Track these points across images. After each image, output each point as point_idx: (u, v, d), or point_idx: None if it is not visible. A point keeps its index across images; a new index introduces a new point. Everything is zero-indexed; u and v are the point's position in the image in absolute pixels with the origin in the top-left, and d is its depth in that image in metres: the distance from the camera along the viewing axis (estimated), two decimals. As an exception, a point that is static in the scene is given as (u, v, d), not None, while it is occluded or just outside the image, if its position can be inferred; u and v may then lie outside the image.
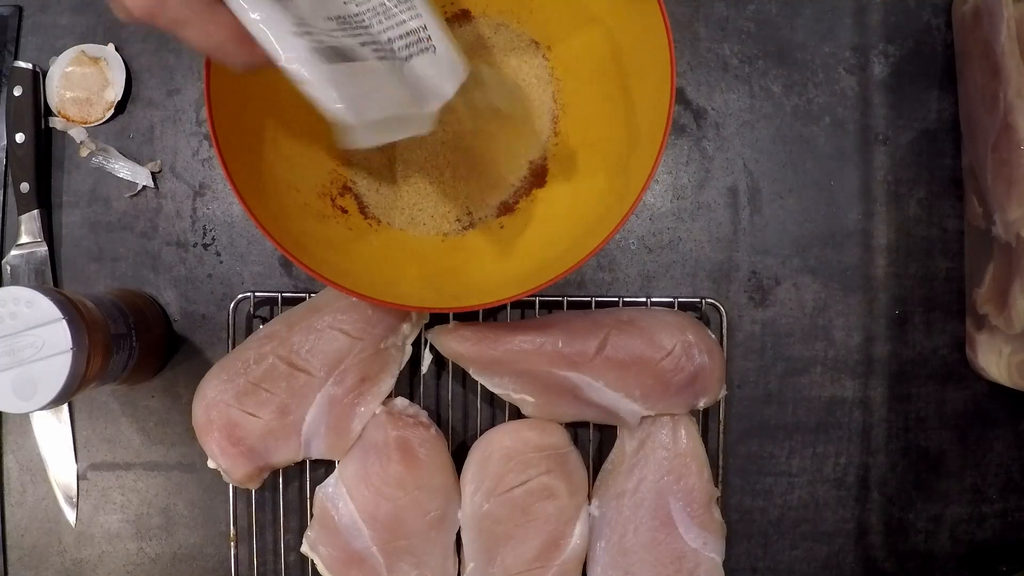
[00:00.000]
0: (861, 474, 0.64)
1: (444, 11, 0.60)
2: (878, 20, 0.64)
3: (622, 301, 0.62)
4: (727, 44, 0.64)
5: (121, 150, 0.63)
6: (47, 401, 0.48)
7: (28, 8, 0.63)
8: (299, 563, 0.61)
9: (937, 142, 0.64)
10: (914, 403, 0.64)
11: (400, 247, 0.59)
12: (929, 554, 0.64)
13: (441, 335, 0.58)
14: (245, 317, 0.62)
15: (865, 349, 0.64)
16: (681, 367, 0.57)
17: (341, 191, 0.59)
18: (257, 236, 0.63)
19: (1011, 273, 0.55)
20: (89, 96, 0.62)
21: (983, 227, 0.59)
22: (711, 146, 0.64)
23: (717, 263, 0.64)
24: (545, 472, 0.57)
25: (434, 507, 0.57)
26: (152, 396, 0.63)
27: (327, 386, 0.57)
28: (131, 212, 0.63)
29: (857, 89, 0.64)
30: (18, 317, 0.48)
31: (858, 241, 0.64)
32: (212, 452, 0.57)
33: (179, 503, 0.63)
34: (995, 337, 0.59)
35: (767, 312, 0.64)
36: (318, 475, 0.60)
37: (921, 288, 0.64)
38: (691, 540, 0.58)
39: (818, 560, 0.64)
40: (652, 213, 0.64)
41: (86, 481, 0.63)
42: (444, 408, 0.62)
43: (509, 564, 0.57)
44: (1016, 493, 0.64)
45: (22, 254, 0.62)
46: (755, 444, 0.64)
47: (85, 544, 0.63)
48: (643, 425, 0.59)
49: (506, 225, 0.59)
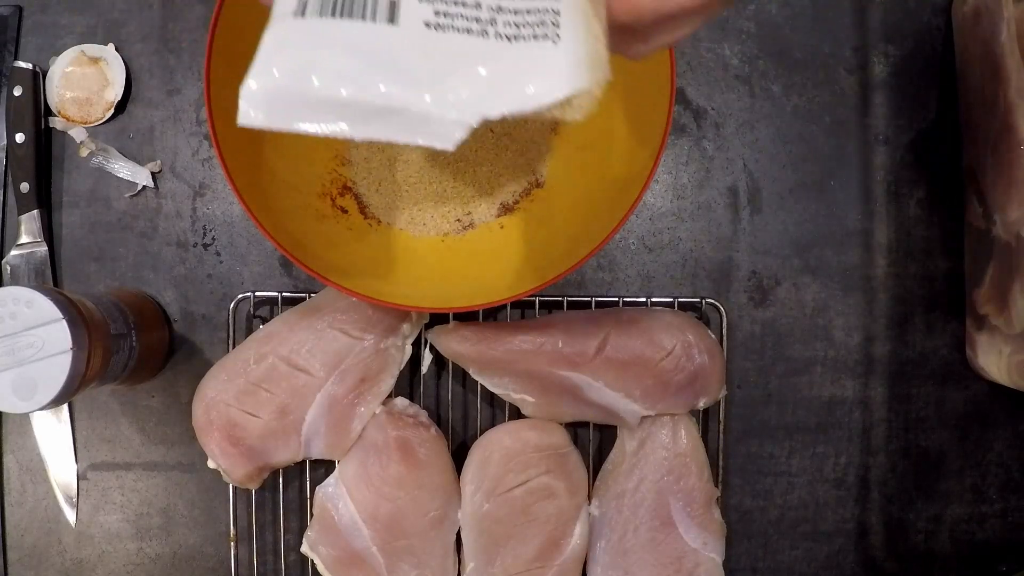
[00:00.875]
0: (861, 474, 0.64)
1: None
2: (878, 20, 0.64)
3: (622, 301, 0.62)
4: (727, 44, 0.64)
5: (121, 150, 0.63)
6: (47, 401, 0.48)
7: (28, 8, 0.63)
8: (299, 563, 0.61)
9: (937, 142, 0.64)
10: (914, 403, 0.64)
11: (400, 247, 0.59)
12: (929, 554, 0.64)
13: (441, 335, 0.58)
14: (245, 317, 0.62)
15: (865, 349, 0.64)
16: (681, 367, 0.57)
17: (341, 191, 0.59)
18: (257, 236, 0.63)
19: (1011, 273, 0.55)
20: (89, 96, 0.62)
21: (983, 227, 0.59)
22: (711, 146, 0.64)
23: (717, 263, 0.64)
24: (545, 472, 0.57)
25: (434, 507, 0.57)
26: (152, 396, 0.63)
27: (327, 386, 0.57)
28: (131, 212, 0.63)
29: (857, 89, 0.64)
30: (18, 317, 0.48)
31: (858, 241, 0.64)
32: (212, 452, 0.57)
33: (179, 503, 0.63)
34: (995, 337, 0.59)
35: (767, 312, 0.64)
36: (318, 475, 0.60)
37: (921, 288, 0.64)
38: (691, 540, 0.58)
39: (818, 560, 0.64)
40: (652, 213, 0.64)
41: (86, 481, 0.63)
42: (444, 408, 0.62)
43: (509, 564, 0.57)
44: (1016, 493, 0.64)
45: (22, 254, 0.62)
46: (755, 444, 0.64)
47: (85, 544, 0.63)
48: (643, 425, 0.59)
49: (506, 225, 0.59)
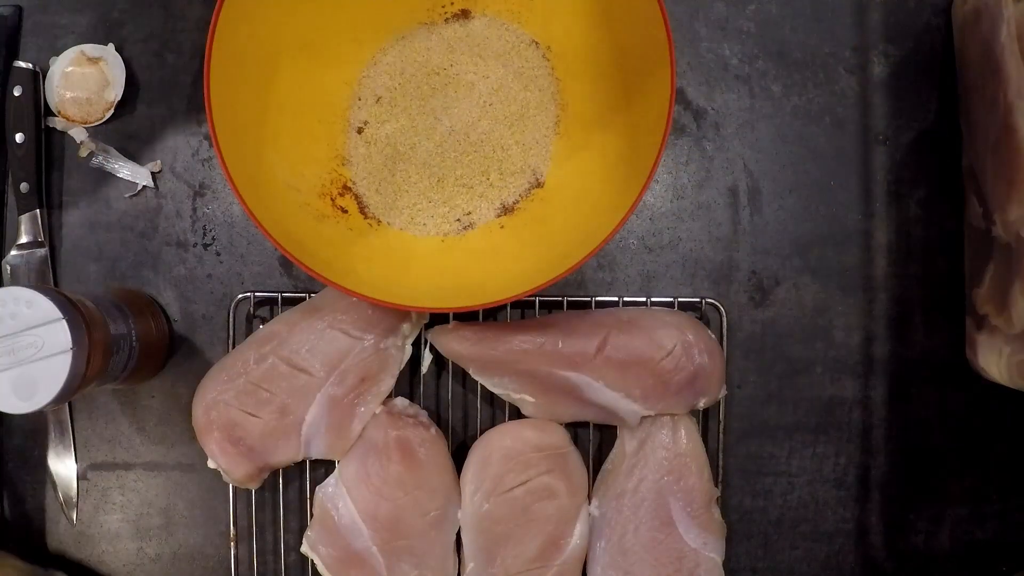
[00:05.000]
0: (861, 474, 0.64)
1: (444, 11, 0.60)
2: (878, 20, 0.64)
3: (622, 301, 0.62)
4: (727, 44, 0.64)
5: (121, 150, 0.63)
6: (47, 401, 0.48)
7: (28, 8, 0.63)
8: (299, 563, 0.61)
9: (937, 142, 0.64)
10: (914, 403, 0.64)
11: (400, 247, 0.59)
12: (929, 554, 0.64)
13: (441, 335, 0.58)
14: (245, 317, 0.62)
15: (865, 349, 0.64)
16: (681, 367, 0.57)
17: (341, 191, 0.59)
18: (257, 236, 0.63)
19: (1011, 273, 0.55)
20: (89, 96, 0.62)
21: (983, 227, 0.59)
22: (711, 146, 0.64)
23: (717, 263, 0.64)
24: (545, 472, 0.57)
25: (434, 507, 0.57)
26: (152, 396, 0.63)
27: (327, 386, 0.57)
28: (131, 212, 0.63)
29: (857, 89, 0.64)
30: (18, 317, 0.48)
31: (858, 241, 0.64)
32: (212, 452, 0.57)
33: (179, 503, 0.63)
34: (995, 337, 0.58)
35: (767, 312, 0.64)
36: (318, 475, 0.60)
37: (921, 288, 0.64)
38: (691, 540, 0.58)
39: (818, 560, 0.64)
40: (652, 213, 0.64)
41: (86, 481, 0.63)
42: (444, 408, 0.62)
43: (509, 564, 0.57)
44: (1016, 493, 0.64)
45: (22, 254, 0.62)
46: (755, 444, 0.64)
47: (85, 544, 0.63)
48: (643, 425, 0.59)
49: (506, 225, 0.59)
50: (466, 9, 0.60)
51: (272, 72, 0.56)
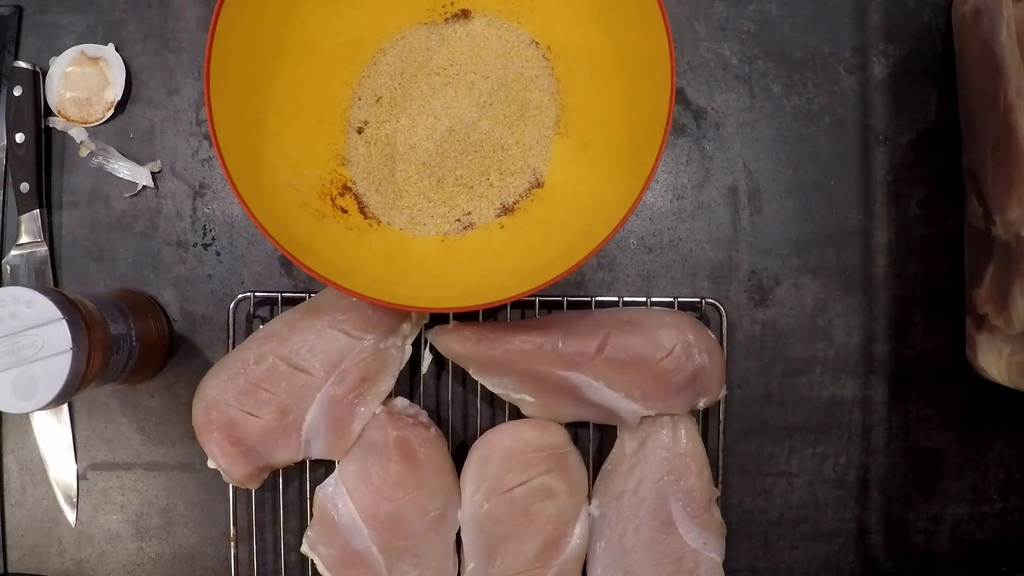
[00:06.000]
0: (861, 474, 0.64)
1: (444, 11, 0.60)
2: (878, 20, 0.64)
3: (622, 301, 0.62)
4: (727, 44, 0.64)
5: (121, 150, 0.63)
6: (47, 401, 0.48)
7: (28, 8, 0.63)
8: (299, 563, 0.61)
9: (937, 142, 0.64)
10: (914, 403, 0.64)
11: (400, 247, 0.59)
12: (929, 554, 0.64)
13: (441, 335, 0.58)
14: (245, 317, 0.62)
15: (865, 349, 0.64)
16: (681, 367, 0.57)
17: (341, 191, 0.59)
18: (257, 236, 0.63)
19: (1011, 273, 0.55)
20: (89, 96, 0.62)
21: (983, 227, 0.59)
22: (711, 146, 0.64)
23: (717, 263, 0.64)
24: (545, 472, 0.57)
25: (434, 507, 0.57)
26: (152, 396, 0.63)
27: (327, 386, 0.57)
28: (131, 212, 0.63)
29: (857, 89, 0.64)
30: (18, 317, 0.48)
31: (858, 241, 0.64)
32: (212, 452, 0.57)
33: (179, 503, 0.63)
34: (995, 337, 0.58)
35: (767, 312, 0.64)
36: (318, 475, 0.60)
37: (921, 288, 0.64)
38: (691, 540, 0.58)
39: (818, 560, 0.64)
40: (652, 213, 0.64)
41: (86, 481, 0.63)
42: (444, 408, 0.62)
43: (509, 564, 0.57)
44: (1016, 493, 0.64)
45: (22, 254, 0.62)
46: (755, 444, 0.64)
47: (85, 544, 0.63)
48: (643, 425, 0.59)
49: (506, 225, 0.59)
50: (466, 9, 0.60)
51: (272, 72, 0.56)
